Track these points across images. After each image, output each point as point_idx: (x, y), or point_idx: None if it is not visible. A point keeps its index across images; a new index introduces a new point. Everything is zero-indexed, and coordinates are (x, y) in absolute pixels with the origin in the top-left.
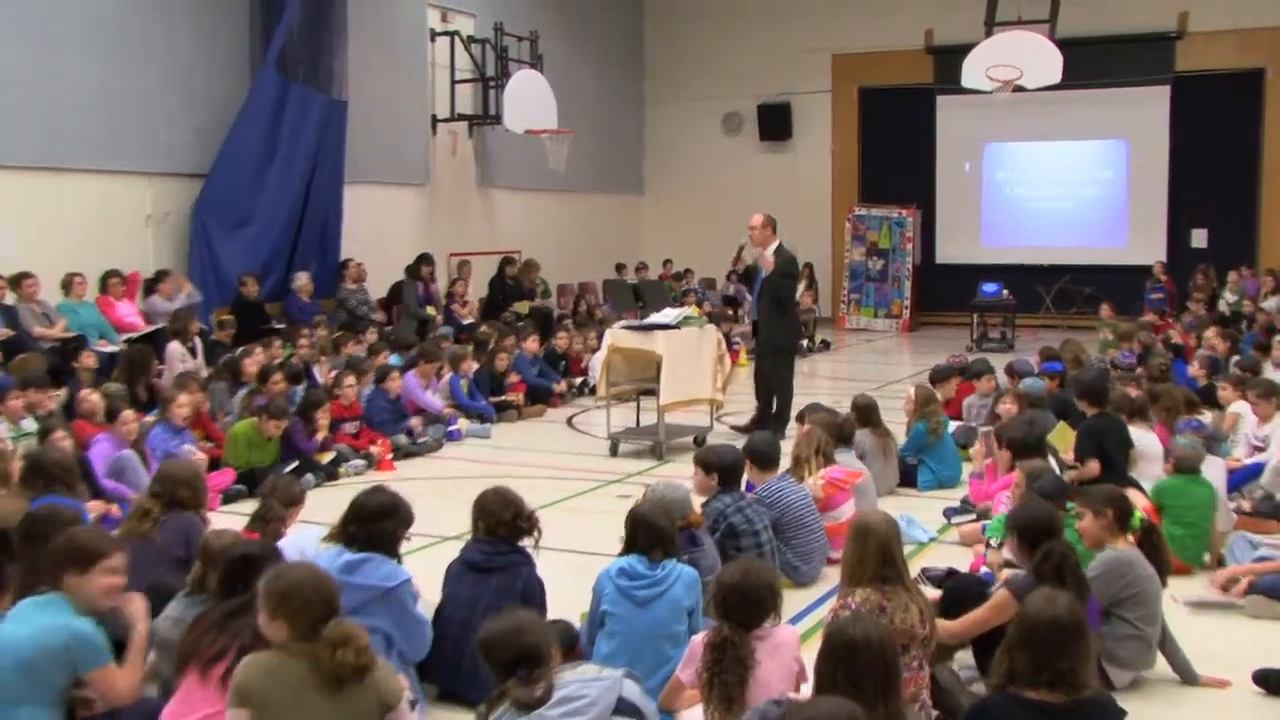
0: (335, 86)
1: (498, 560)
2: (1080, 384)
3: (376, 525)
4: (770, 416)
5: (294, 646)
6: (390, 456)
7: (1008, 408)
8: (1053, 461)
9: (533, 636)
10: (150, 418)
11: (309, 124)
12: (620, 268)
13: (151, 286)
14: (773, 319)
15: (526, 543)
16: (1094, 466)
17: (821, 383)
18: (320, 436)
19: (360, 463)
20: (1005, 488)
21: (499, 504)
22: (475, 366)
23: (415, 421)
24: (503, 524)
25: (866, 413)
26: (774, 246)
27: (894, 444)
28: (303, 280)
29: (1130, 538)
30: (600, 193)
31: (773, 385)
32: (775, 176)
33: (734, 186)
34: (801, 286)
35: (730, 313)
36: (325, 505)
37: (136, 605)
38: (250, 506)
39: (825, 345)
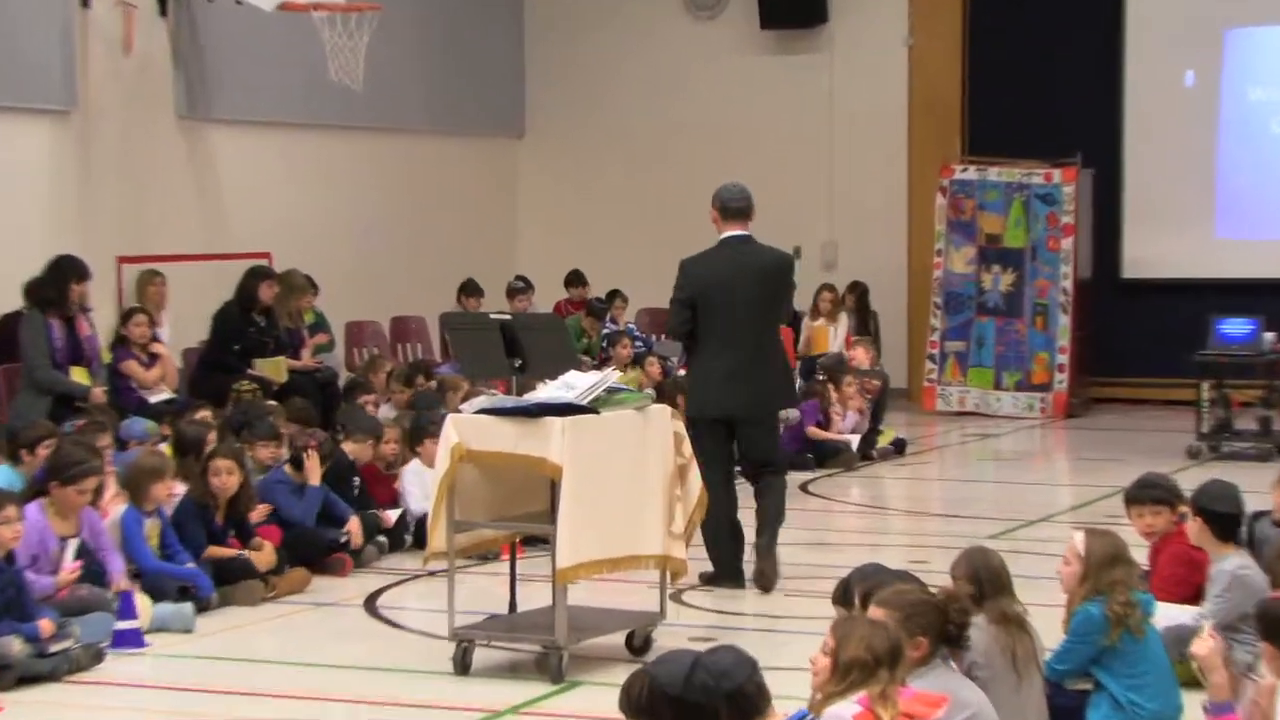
0: None
1: None
2: None
3: None
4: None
5: None
6: None
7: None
8: None
9: None
10: None
11: None
12: (472, 290)
13: None
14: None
15: None
16: None
17: (890, 522)
18: None
19: None
20: None
21: None
22: (177, 492)
23: (45, 623)
24: None
25: (984, 583)
26: (719, 239)
27: (1035, 648)
28: None
29: None
30: (437, 135)
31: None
32: (791, 103)
33: (708, 123)
34: (835, 327)
35: None
36: None
37: None
38: None
39: (899, 447)
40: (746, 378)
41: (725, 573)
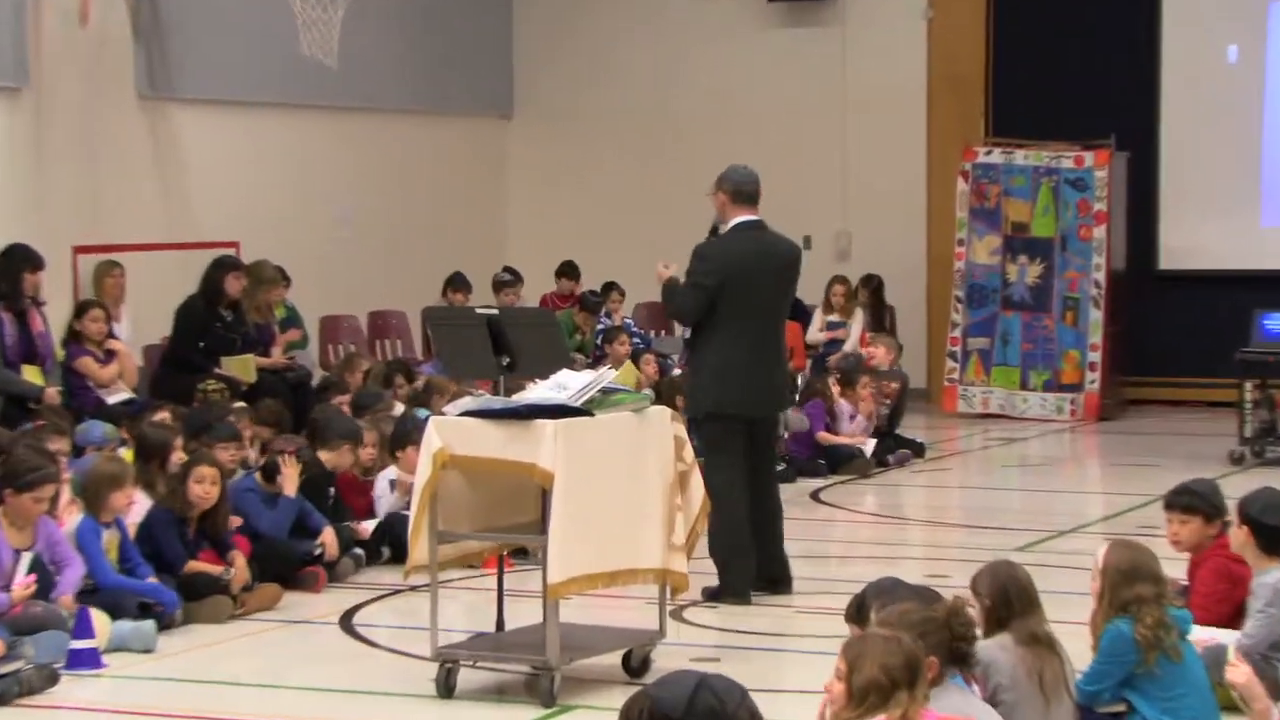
0: None
1: None
2: None
3: None
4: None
5: None
6: None
7: None
8: None
9: None
10: None
11: None
12: (459, 284)
13: None
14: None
15: None
16: None
17: (908, 532)
18: None
19: None
20: None
21: None
22: (137, 501)
23: None
24: None
25: (1011, 600)
26: (730, 225)
27: (1065, 669)
28: None
29: None
30: (418, 115)
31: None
32: (801, 81)
33: (711, 103)
34: (851, 325)
35: None
36: None
37: None
38: None
39: (915, 451)
40: (764, 372)
41: (732, 588)
